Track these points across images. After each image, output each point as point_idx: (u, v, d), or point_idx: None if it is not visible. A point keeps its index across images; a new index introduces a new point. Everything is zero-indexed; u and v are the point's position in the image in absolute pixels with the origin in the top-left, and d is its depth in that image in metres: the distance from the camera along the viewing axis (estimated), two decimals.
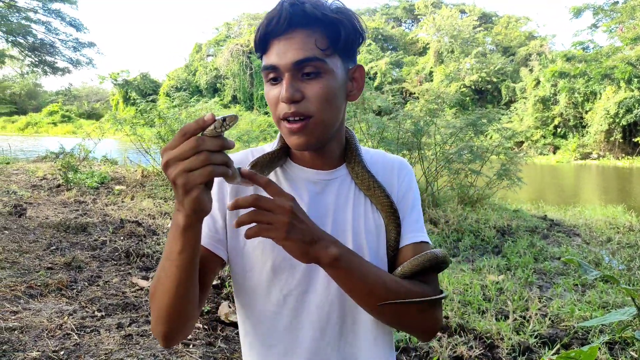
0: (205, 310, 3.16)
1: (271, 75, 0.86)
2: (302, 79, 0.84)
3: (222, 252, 0.92)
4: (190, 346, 2.66)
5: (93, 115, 50.91)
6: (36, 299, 3.16)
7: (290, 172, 0.97)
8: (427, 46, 42.79)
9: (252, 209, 0.74)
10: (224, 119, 0.64)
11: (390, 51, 44.32)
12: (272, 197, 0.75)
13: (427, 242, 0.96)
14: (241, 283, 0.95)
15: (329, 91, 0.85)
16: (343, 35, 0.86)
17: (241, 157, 0.99)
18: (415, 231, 0.96)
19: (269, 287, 0.92)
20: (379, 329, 0.95)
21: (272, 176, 0.97)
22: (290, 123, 0.85)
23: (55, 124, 45.94)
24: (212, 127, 0.64)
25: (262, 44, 0.87)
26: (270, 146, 1.00)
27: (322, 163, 0.96)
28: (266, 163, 0.92)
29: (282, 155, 0.96)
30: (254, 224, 0.74)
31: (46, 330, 2.69)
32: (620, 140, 27.30)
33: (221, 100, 41.93)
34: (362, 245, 0.93)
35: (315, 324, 0.92)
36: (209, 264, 0.90)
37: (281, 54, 0.84)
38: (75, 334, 2.68)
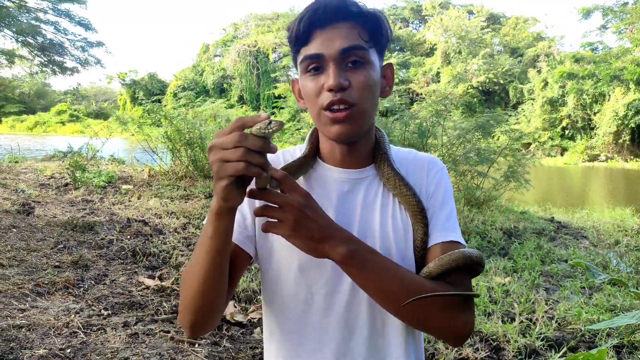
0: None
1: (313, 65, 0.88)
2: (347, 68, 0.86)
3: (250, 248, 0.93)
4: (196, 345, 2.67)
5: (101, 114, 51.26)
6: (43, 297, 3.18)
7: (320, 171, 0.98)
8: (435, 47, 42.67)
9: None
10: (270, 122, 0.67)
11: (397, 52, 44.24)
12: (284, 193, 0.76)
13: (458, 242, 0.92)
14: (269, 281, 0.96)
15: (371, 81, 0.88)
16: (382, 30, 0.90)
17: (272, 158, 1.00)
18: (444, 230, 0.92)
19: (297, 285, 0.92)
20: (409, 332, 0.94)
21: (301, 177, 0.98)
22: (334, 112, 0.87)
23: (63, 123, 46.32)
24: (258, 126, 0.68)
25: (305, 35, 0.88)
26: (300, 148, 1.02)
27: (351, 161, 0.97)
28: (296, 168, 0.93)
29: (311, 158, 0.98)
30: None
31: (53, 328, 2.71)
32: (629, 142, 27.06)
33: (228, 100, 42.11)
34: (389, 245, 0.92)
35: (343, 324, 0.91)
36: (237, 260, 0.91)
37: (327, 42, 0.86)
38: (82, 332, 2.69)
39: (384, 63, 0.96)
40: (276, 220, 0.76)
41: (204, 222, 0.83)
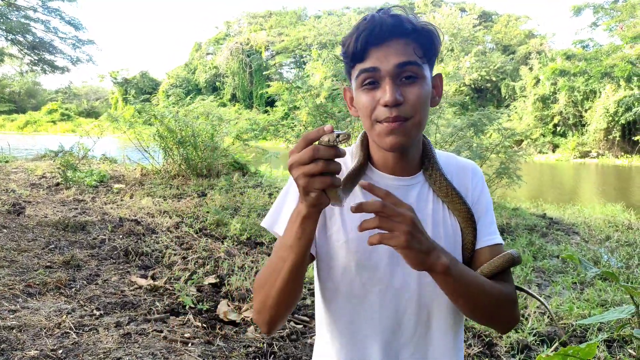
0: (204, 308, 3.16)
1: (368, 80, 0.93)
2: (401, 82, 0.91)
3: (312, 249, 1.00)
4: (189, 345, 2.66)
5: (92, 113, 50.86)
6: (34, 298, 3.15)
7: (374, 178, 1.03)
8: None
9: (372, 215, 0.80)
10: (338, 135, 0.73)
11: None
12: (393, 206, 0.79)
13: (501, 244, 1.03)
14: (325, 278, 1.03)
15: (425, 95, 0.93)
16: (435, 45, 0.95)
17: None
18: (490, 234, 1.03)
19: (353, 282, 1.00)
20: (449, 323, 1.03)
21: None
22: (389, 123, 0.91)
23: (54, 122, 45.95)
24: (327, 139, 0.73)
25: (362, 52, 0.92)
26: (349, 150, 1.07)
27: (402, 169, 1.03)
28: (354, 176, 0.98)
29: (365, 165, 1.03)
30: (376, 231, 0.79)
31: (44, 329, 2.69)
32: (619, 139, 27.28)
33: (220, 98, 41.93)
34: None
35: (392, 317, 1.00)
36: None
37: (382, 58, 0.91)
38: (74, 332, 2.67)
39: (434, 73, 1.02)
40: (386, 232, 0.78)
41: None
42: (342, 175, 0.96)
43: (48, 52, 19.25)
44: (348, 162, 1.04)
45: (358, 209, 0.78)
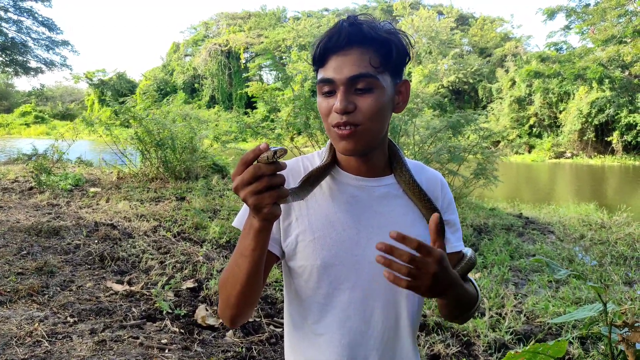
0: (182, 313, 3.11)
1: (326, 89, 0.96)
2: (355, 92, 0.94)
3: (276, 249, 1.03)
4: (166, 351, 2.62)
5: (67, 116, 49.67)
6: (5, 306, 3.06)
7: (339, 178, 1.06)
8: None
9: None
10: (274, 152, 0.77)
11: None
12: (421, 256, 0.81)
13: (462, 249, 1.11)
14: (292, 276, 1.05)
15: (378, 105, 0.95)
16: (394, 54, 0.96)
17: (292, 164, 1.09)
18: (457, 240, 1.12)
19: (320, 280, 1.01)
20: (413, 326, 1.06)
21: (323, 183, 1.06)
22: (340, 130, 0.95)
23: (28, 125, 44.74)
24: (265, 157, 0.76)
25: (321, 58, 0.96)
26: (319, 153, 1.11)
27: (367, 171, 1.05)
28: (318, 175, 1.01)
29: (331, 165, 1.05)
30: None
31: (15, 337, 2.61)
32: (593, 139, 27.93)
33: (199, 100, 41.50)
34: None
35: (360, 317, 1.01)
36: (267, 261, 0.99)
37: (338, 68, 0.94)
38: (46, 340, 2.60)
39: (403, 78, 1.03)
40: (410, 279, 0.81)
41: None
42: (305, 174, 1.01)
43: (20, 53, 18.80)
44: (316, 164, 1.06)
45: (388, 249, 0.80)
